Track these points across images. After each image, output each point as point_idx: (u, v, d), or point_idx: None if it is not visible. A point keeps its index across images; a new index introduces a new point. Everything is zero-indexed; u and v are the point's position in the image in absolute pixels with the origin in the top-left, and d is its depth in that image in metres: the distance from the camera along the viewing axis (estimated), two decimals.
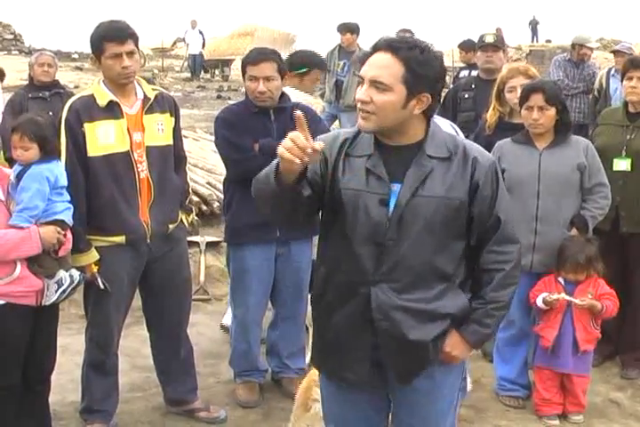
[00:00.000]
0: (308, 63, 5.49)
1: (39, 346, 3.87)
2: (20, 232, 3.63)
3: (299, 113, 2.51)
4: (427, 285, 2.75)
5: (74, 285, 3.86)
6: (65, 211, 3.83)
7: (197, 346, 4.99)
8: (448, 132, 4.38)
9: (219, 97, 20.12)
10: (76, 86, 17.37)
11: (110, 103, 4.04)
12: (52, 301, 3.79)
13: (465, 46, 9.00)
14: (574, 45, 8.85)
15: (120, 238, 4.10)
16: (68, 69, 23.73)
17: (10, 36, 32.23)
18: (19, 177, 3.76)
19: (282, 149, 2.48)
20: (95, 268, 4.07)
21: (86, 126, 4.00)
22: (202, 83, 24.61)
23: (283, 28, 38.47)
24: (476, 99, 6.43)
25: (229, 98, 18.71)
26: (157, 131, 4.17)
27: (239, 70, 4.75)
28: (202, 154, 8.97)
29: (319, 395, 3.17)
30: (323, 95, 10.22)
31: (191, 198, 4.71)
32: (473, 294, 2.84)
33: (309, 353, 3.35)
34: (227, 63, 26.82)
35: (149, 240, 4.17)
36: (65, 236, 3.81)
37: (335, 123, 9.82)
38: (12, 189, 3.75)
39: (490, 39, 6.81)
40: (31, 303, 3.73)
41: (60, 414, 4.51)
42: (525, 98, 4.56)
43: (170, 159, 4.28)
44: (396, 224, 2.70)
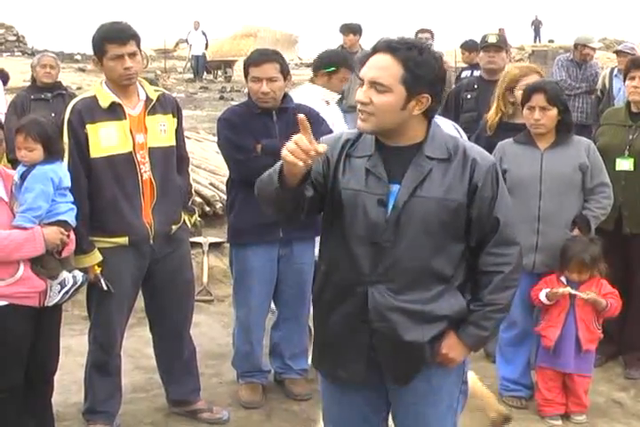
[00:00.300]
0: (336, 62, 5.50)
1: (42, 347, 3.87)
2: (24, 233, 3.64)
3: (301, 116, 2.52)
4: (424, 286, 2.74)
5: (77, 286, 3.87)
6: (68, 212, 3.83)
7: (200, 347, 4.99)
8: (450, 132, 4.41)
9: (221, 98, 20.15)
10: (79, 88, 17.39)
11: (112, 105, 4.05)
12: (54, 302, 3.79)
13: (467, 47, 8.99)
14: (577, 45, 8.84)
15: (123, 239, 4.11)
16: (70, 71, 23.76)
17: (13, 38, 32.28)
18: (23, 178, 3.76)
19: (285, 152, 2.49)
20: (98, 269, 4.08)
21: (89, 128, 4.00)
22: (204, 84, 24.65)
23: (285, 29, 38.59)
24: (478, 99, 6.44)
25: (232, 99, 18.73)
26: (160, 132, 4.18)
27: (242, 71, 4.76)
28: (204, 155, 8.98)
29: None
30: None
31: (194, 199, 4.71)
32: (472, 297, 2.83)
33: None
34: (229, 64, 26.85)
35: (152, 241, 4.17)
36: (68, 236, 3.82)
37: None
38: (16, 190, 3.76)
39: (492, 39, 6.81)
40: (34, 304, 3.73)
41: (63, 414, 4.51)
42: (527, 98, 4.56)
43: (172, 160, 4.28)
44: (394, 225, 2.70)
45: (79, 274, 3.90)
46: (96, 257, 4.07)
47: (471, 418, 3.76)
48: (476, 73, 7.65)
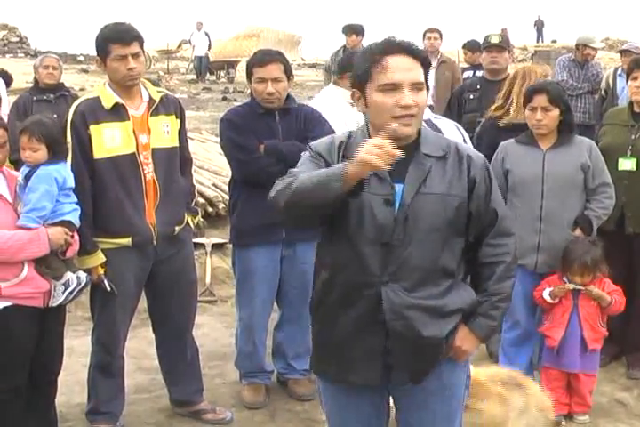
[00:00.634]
0: None
1: (46, 348, 3.88)
2: (28, 233, 3.64)
3: (392, 126, 2.59)
4: (433, 282, 2.77)
5: (81, 286, 3.87)
6: (72, 212, 3.84)
7: (203, 347, 5.00)
8: (452, 133, 4.42)
9: (224, 99, 20.15)
10: (82, 89, 17.41)
11: (116, 105, 4.05)
12: (58, 302, 3.80)
13: (470, 47, 9.00)
14: (578, 46, 8.84)
15: (126, 240, 4.11)
16: (73, 72, 23.83)
17: (16, 39, 32.37)
18: (27, 178, 3.77)
19: (369, 156, 2.48)
20: (101, 270, 4.08)
21: (92, 129, 4.01)
22: (207, 84, 24.66)
23: (288, 29, 38.57)
24: (481, 99, 6.44)
25: (235, 99, 18.73)
26: (163, 133, 4.18)
27: (244, 72, 4.76)
28: (207, 156, 8.98)
29: None
30: None
31: (197, 200, 4.72)
32: (475, 289, 2.88)
33: None
34: (232, 65, 26.87)
35: (155, 242, 4.17)
36: (72, 237, 3.82)
37: None
38: (21, 191, 3.76)
39: (495, 40, 6.82)
40: (38, 305, 3.74)
41: (67, 415, 4.52)
42: (529, 99, 4.57)
43: (176, 161, 4.29)
44: (403, 223, 2.71)
45: (83, 275, 3.90)
46: (99, 258, 4.07)
47: (536, 418, 3.90)
48: (479, 73, 7.66)
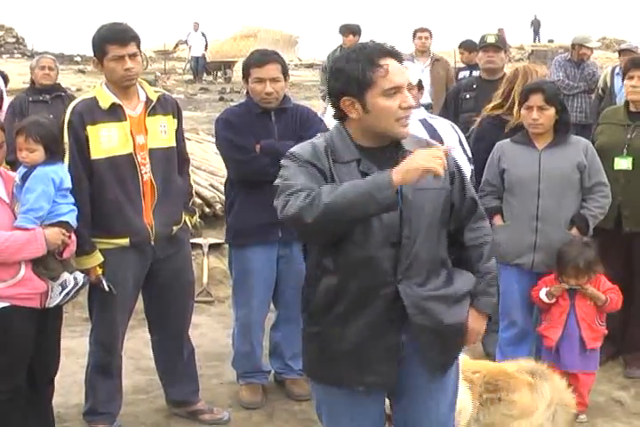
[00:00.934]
0: None
1: (43, 348, 3.88)
2: (25, 234, 3.64)
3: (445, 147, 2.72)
4: (436, 273, 2.86)
5: (78, 287, 3.87)
6: (69, 213, 3.84)
7: (200, 348, 5.00)
8: (447, 132, 4.43)
9: (221, 99, 20.14)
10: (79, 89, 17.40)
11: (113, 106, 4.05)
12: (55, 303, 3.80)
13: (466, 46, 9.01)
14: (574, 45, 8.84)
15: (124, 241, 4.11)
16: (70, 72, 23.80)
17: (12, 40, 32.33)
18: (24, 179, 3.77)
19: (424, 163, 2.57)
20: (99, 270, 4.08)
21: (89, 129, 4.01)
22: (204, 85, 24.64)
23: (285, 29, 38.54)
24: (477, 99, 6.44)
25: (232, 100, 18.72)
26: (160, 133, 4.18)
27: (241, 72, 4.76)
28: (204, 156, 8.98)
29: None
30: (324, 97, 10.23)
31: (194, 200, 4.72)
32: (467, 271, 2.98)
33: None
34: (229, 65, 26.84)
35: (153, 242, 4.18)
36: (69, 237, 3.82)
37: None
38: (18, 191, 3.76)
39: (491, 39, 6.83)
40: (35, 306, 3.74)
41: (64, 416, 4.52)
42: (525, 98, 4.58)
43: (173, 161, 4.29)
44: (408, 221, 2.74)
45: (80, 275, 3.90)
46: (97, 258, 4.07)
47: (559, 412, 4.03)
48: (475, 73, 7.67)
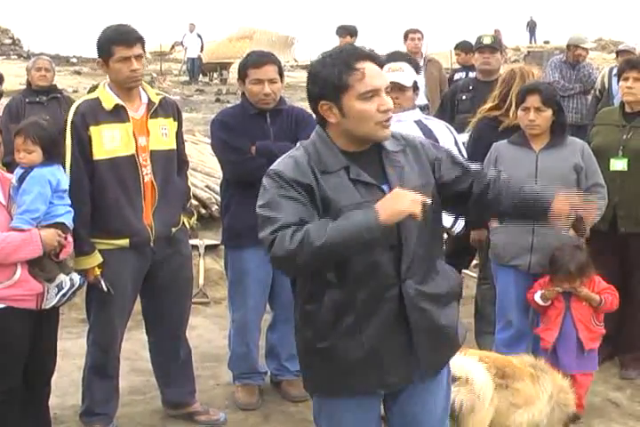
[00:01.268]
0: None
1: (39, 349, 3.88)
2: (22, 235, 3.65)
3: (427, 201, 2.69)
4: (433, 269, 2.86)
5: (74, 288, 3.87)
6: (66, 214, 3.84)
7: (197, 349, 5.00)
8: (443, 133, 4.43)
9: (217, 100, 20.15)
10: (75, 91, 17.40)
11: (116, 107, 4.06)
12: (52, 304, 3.80)
13: (462, 48, 9.01)
14: (569, 46, 8.86)
15: (124, 241, 4.12)
16: (66, 74, 23.80)
17: (8, 41, 32.32)
18: (21, 180, 3.78)
19: (409, 206, 2.61)
20: (98, 271, 4.08)
21: (92, 129, 4.02)
22: (200, 86, 24.65)
23: (281, 30, 38.54)
24: (473, 100, 6.44)
25: (228, 101, 18.74)
26: (161, 135, 4.19)
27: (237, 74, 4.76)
28: (201, 157, 8.98)
29: None
30: None
31: (191, 202, 4.72)
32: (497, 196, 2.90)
33: None
34: (225, 66, 26.87)
35: (153, 243, 4.19)
36: (66, 239, 3.82)
37: None
38: (14, 192, 3.76)
39: (487, 41, 6.83)
40: (31, 307, 3.74)
41: (61, 417, 4.52)
42: (522, 99, 4.58)
43: (173, 164, 4.30)
44: (404, 222, 2.72)
45: (76, 277, 3.90)
46: (97, 259, 4.07)
47: (558, 411, 4.10)
48: (471, 74, 7.67)
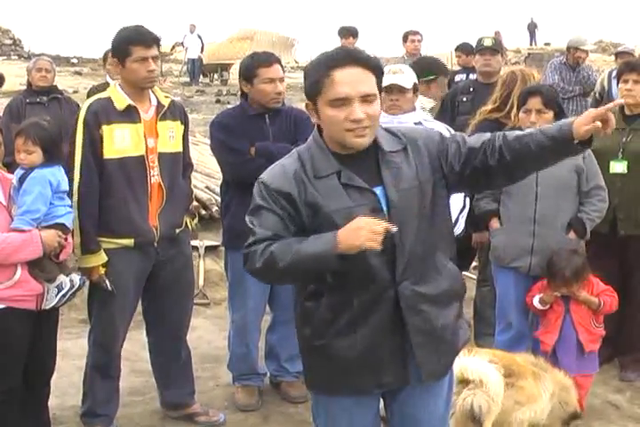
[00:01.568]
0: (436, 70, 5.60)
1: (39, 350, 3.89)
2: (22, 236, 3.65)
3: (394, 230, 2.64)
4: (433, 268, 2.83)
5: (74, 289, 3.87)
6: (66, 215, 3.85)
7: (196, 350, 5.01)
8: None
9: (218, 101, 20.13)
10: (75, 91, 17.38)
11: (128, 107, 4.08)
12: (52, 305, 3.80)
13: (463, 49, 9.02)
14: (569, 48, 8.86)
15: (129, 241, 4.13)
16: (67, 74, 23.79)
17: (9, 42, 32.31)
18: (21, 181, 3.78)
19: (360, 243, 2.57)
20: (102, 270, 4.09)
21: (104, 128, 4.03)
22: (201, 87, 24.63)
23: (282, 31, 38.57)
24: (474, 102, 6.44)
25: (228, 102, 18.73)
26: (169, 138, 4.22)
27: (237, 74, 4.76)
28: (201, 158, 8.98)
29: None
30: None
31: (194, 203, 4.74)
32: (514, 147, 2.76)
33: None
34: (226, 67, 26.84)
35: (157, 244, 4.20)
36: (66, 240, 3.83)
37: None
38: (15, 193, 3.77)
39: (488, 42, 6.84)
40: (31, 307, 3.74)
41: (60, 417, 4.53)
42: (523, 101, 4.59)
43: (179, 166, 4.32)
44: (398, 224, 2.72)
45: (76, 277, 3.91)
46: (102, 257, 4.08)
47: (558, 409, 4.13)
48: (472, 76, 7.67)
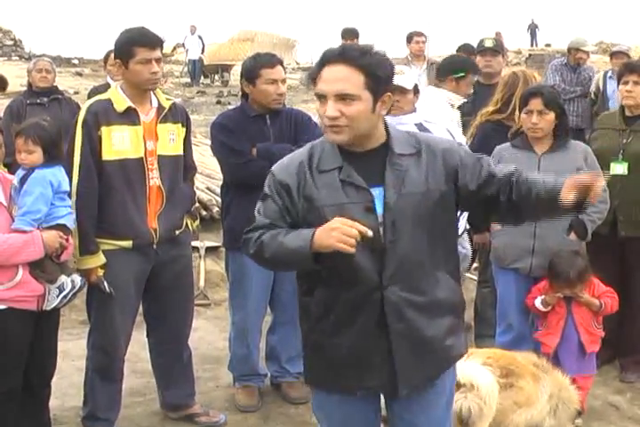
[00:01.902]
0: (465, 67, 5.62)
1: (40, 351, 3.89)
2: (23, 237, 3.65)
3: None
4: (431, 278, 2.80)
5: (75, 290, 3.87)
6: (67, 216, 3.85)
7: (197, 351, 5.01)
8: (443, 136, 4.43)
9: (218, 102, 20.13)
10: (76, 92, 17.38)
11: (128, 109, 4.07)
12: (53, 306, 3.80)
13: (464, 50, 9.01)
14: (570, 50, 8.87)
15: (127, 243, 4.13)
16: (68, 75, 23.79)
17: (10, 42, 32.27)
18: (22, 181, 3.78)
19: (332, 242, 2.57)
20: (101, 271, 4.09)
21: (103, 130, 4.03)
22: (201, 88, 24.63)
23: (283, 33, 38.51)
24: (475, 103, 6.44)
25: (229, 103, 18.73)
26: (169, 141, 4.21)
27: (238, 75, 4.76)
28: (201, 159, 8.97)
29: None
30: None
31: (196, 205, 4.74)
32: (521, 192, 2.80)
33: None
34: (226, 68, 26.83)
35: (156, 245, 4.20)
36: (67, 240, 3.83)
37: None
38: (15, 194, 3.77)
39: (489, 44, 6.84)
40: (32, 308, 3.74)
41: (61, 418, 4.53)
42: (524, 102, 4.59)
43: (180, 169, 4.31)
44: (391, 227, 2.72)
45: (77, 278, 3.90)
46: (100, 259, 4.08)
47: (563, 409, 4.15)
48: None
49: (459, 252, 3.14)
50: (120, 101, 4.08)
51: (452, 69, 5.62)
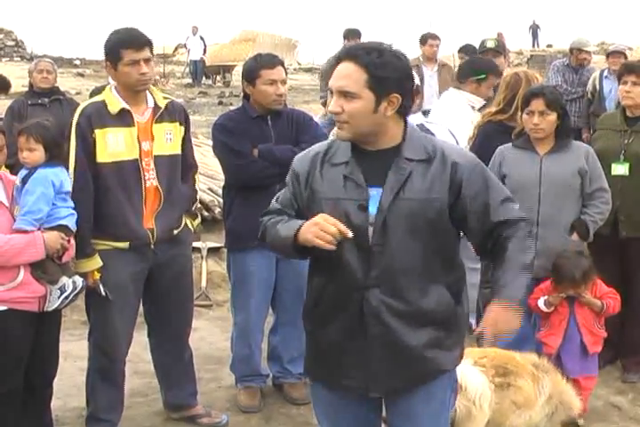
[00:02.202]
0: (486, 69, 5.61)
1: (41, 351, 3.89)
2: (25, 237, 3.65)
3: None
4: (416, 288, 2.75)
5: (76, 291, 3.87)
6: (69, 216, 3.84)
7: (199, 351, 5.00)
8: (446, 137, 4.43)
9: (220, 103, 20.14)
10: (78, 93, 17.40)
11: (122, 111, 4.06)
12: (54, 307, 3.80)
13: (466, 51, 9.02)
14: (572, 50, 8.86)
15: (123, 244, 4.12)
16: (69, 76, 23.82)
17: (12, 43, 32.30)
18: (24, 181, 3.78)
19: (309, 236, 2.64)
20: (97, 275, 4.08)
21: (97, 132, 4.02)
22: (203, 89, 24.64)
23: (284, 33, 38.52)
24: None
25: (231, 104, 18.72)
26: (166, 140, 4.19)
27: (240, 76, 4.76)
28: (203, 160, 8.97)
29: None
30: (325, 103, 10.22)
31: (197, 204, 4.73)
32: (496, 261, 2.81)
33: None
34: (228, 69, 26.85)
35: (153, 246, 4.19)
36: (69, 242, 3.83)
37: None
38: (17, 193, 3.77)
39: (491, 44, 6.86)
40: (34, 309, 3.75)
41: (62, 419, 4.52)
42: (526, 103, 4.58)
43: (177, 169, 4.29)
44: (381, 228, 2.71)
45: (79, 279, 3.91)
46: (97, 262, 4.07)
47: (560, 412, 4.14)
48: None
49: (473, 267, 3.10)
50: (114, 103, 4.07)
51: (473, 71, 5.61)
